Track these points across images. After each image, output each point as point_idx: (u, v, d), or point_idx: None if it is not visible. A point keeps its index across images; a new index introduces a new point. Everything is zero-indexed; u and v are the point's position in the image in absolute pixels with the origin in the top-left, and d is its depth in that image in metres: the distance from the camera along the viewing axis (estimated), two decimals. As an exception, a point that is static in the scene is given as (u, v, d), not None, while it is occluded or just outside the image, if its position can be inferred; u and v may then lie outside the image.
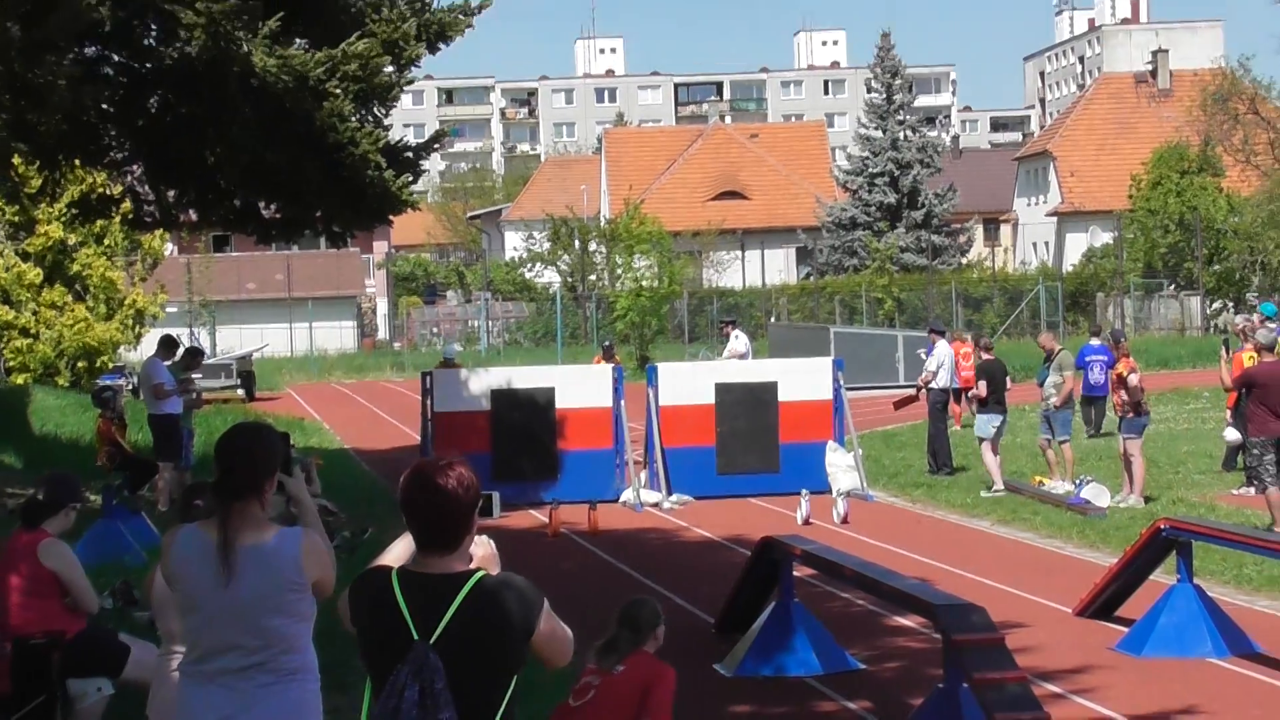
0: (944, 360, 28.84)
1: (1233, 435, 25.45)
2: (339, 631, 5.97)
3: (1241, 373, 22.15)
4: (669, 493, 26.21)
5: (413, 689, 5.66)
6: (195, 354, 26.91)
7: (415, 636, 5.72)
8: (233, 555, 6.57)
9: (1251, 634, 15.07)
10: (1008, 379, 26.50)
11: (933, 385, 28.35)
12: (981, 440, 25.84)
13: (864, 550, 18.86)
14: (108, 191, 28.46)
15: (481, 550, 5.96)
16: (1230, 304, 67.36)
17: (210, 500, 6.86)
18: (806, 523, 22.95)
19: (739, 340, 37.56)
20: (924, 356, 36.99)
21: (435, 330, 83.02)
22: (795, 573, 15.24)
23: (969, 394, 26.82)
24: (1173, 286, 72.45)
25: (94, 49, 22.53)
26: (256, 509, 6.66)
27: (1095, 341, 30.26)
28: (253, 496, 6.66)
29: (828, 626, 15.14)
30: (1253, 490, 22.32)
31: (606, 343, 38.39)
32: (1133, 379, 23.80)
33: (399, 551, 6.04)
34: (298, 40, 22.36)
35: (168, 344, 25.91)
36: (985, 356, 26.72)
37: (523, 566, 5.95)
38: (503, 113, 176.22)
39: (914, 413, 30.04)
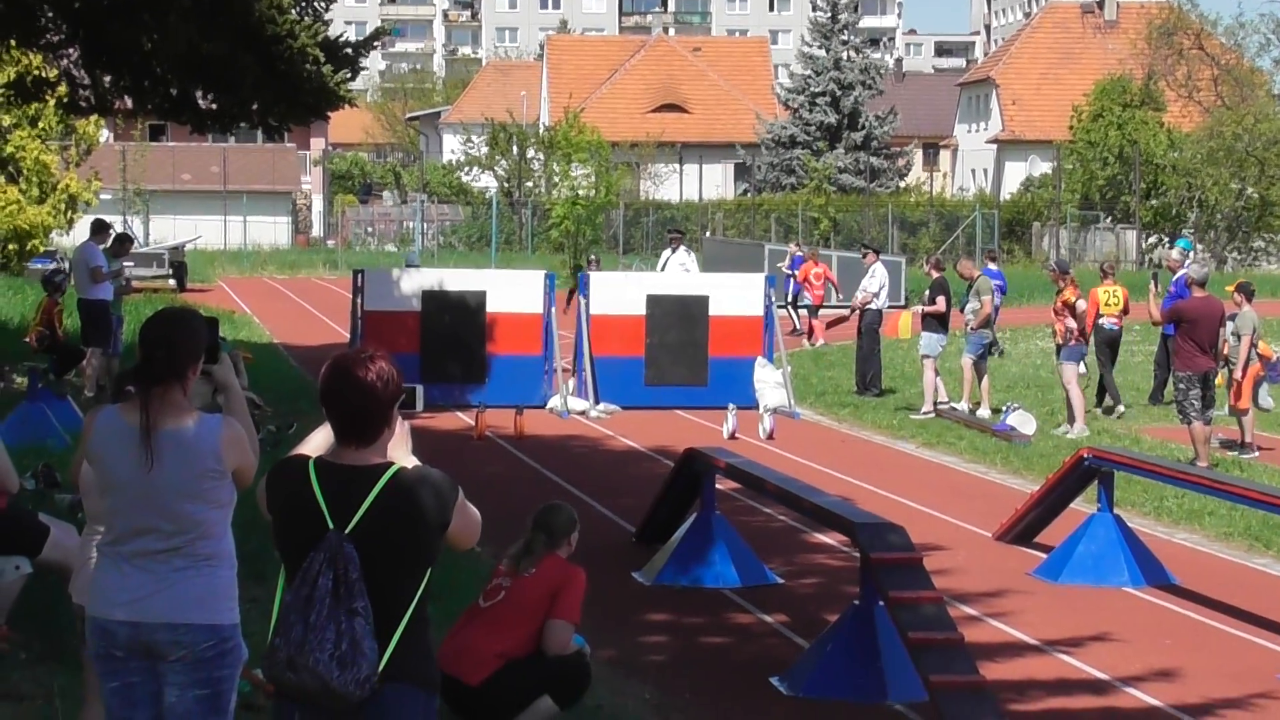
0: (885, 282, 28.86)
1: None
2: (260, 522, 5.97)
3: (1171, 307, 22.24)
4: (596, 401, 26.21)
5: (326, 577, 5.65)
6: (124, 240, 26.72)
7: (330, 526, 5.71)
8: (153, 440, 6.53)
9: (1169, 565, 15.21)
10: (942, 297, 26.49)
11: (870, 306, 28.33)
12: (926, 358, 25.86)
13: (788, 467, 18.91)
14: (43, 74, 28.19)
15: (394, 429, 5.94)
16: (1165, 239, 67.63)
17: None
18: (732, 437, 23.00)
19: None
20: (785, 271, 36.91)
21: (370, 229, 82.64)
22: (718, 486, 15.28)
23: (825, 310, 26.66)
24: (1109, 219, 72.70)
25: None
26: (178, 395, 6.61)
27: (993, 266, 30.49)
28: (174, 382, 6.60)
29: (747, 540, 15.20)
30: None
31: (593, 257, 37.50)
32: (1080, 305, 23.87)
33: (318, 442, 6.02)
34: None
35: (100, 228, 25.74)
36: (935, 274, 26.70)
37: (447, 468, 5.93)
38: (445, 14, 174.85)
39: (845, 332, 30.09)
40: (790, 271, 39.52)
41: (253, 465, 6.79)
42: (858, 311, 28.74)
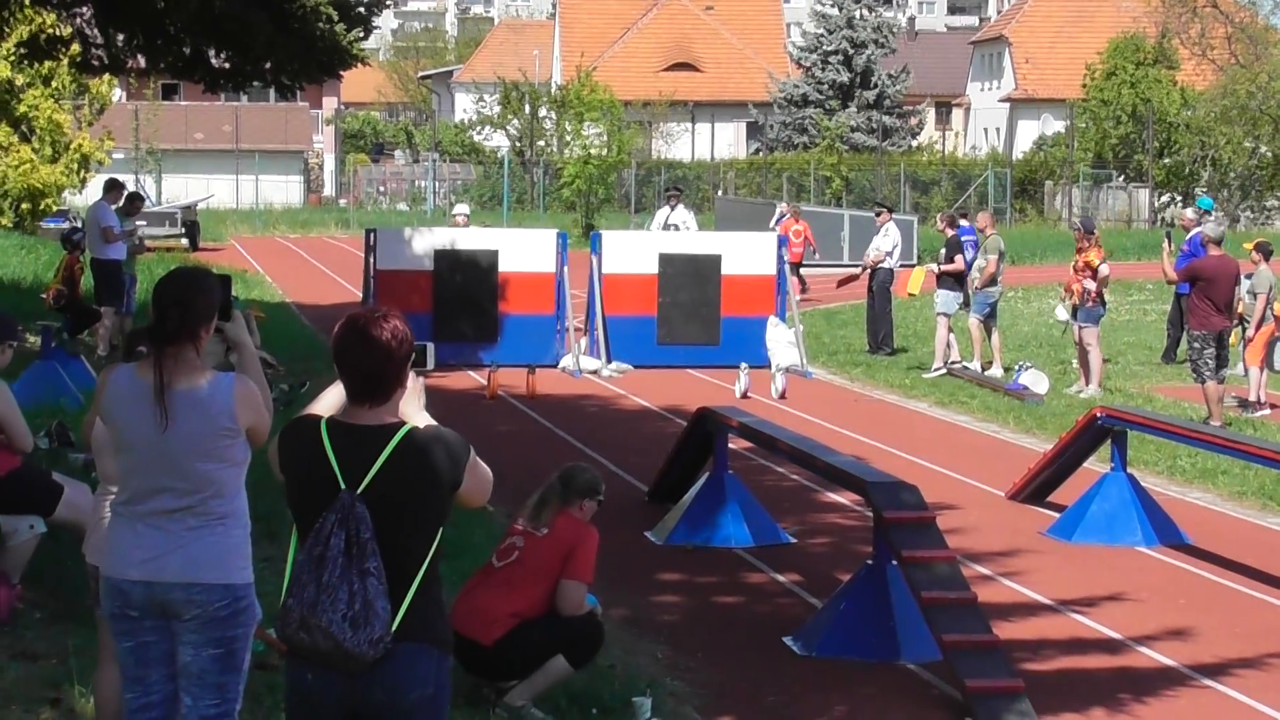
0: (898, 241, 28.79)
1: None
2: (273, 481, 5.97)
3: (1188, 266, 22.16)
4: (608, 361, 26.21)
5: (339, 537, 5.65)
6: (136, 200, 26.72)
7: (342, 486, 5.71)
8: (167, 399, 6.53)
9: (1182, 525, 15.20)
10: (961, 255, 26.35)
11: (882, 265, 28.25)
12: (941, 315, 25.81)
13: (800, 426, 18.90)
14: (57, 33, 28.14)
15: (409, 382, 5.93)
16: (1178, 198, 67.43)
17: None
18: (744, 396, 22.99)
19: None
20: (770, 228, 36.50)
21: (381, 189, 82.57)
22: (730, 445, 15.27)
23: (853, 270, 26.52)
24: (1122, 178, 72.48)
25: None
26: (191, 354, 6.61)
27: (964, 223, 30.56)
28: (187, 342, 6.60)
29: (760, 500, 15.20)
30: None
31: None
32: (1104, 269, 23.77)
33: (330, 401, 6.01)
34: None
35: (112, 187, 25.74)
36: (950, 231, 26.63)
37: (459, 427, 5.93)
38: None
39: (856, 291, 30.03)
40: (771, 229, 39.34)
41: (267, 424, 6.80)
42: (868, 270, 28.66)
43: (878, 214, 29.79)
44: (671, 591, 13.26)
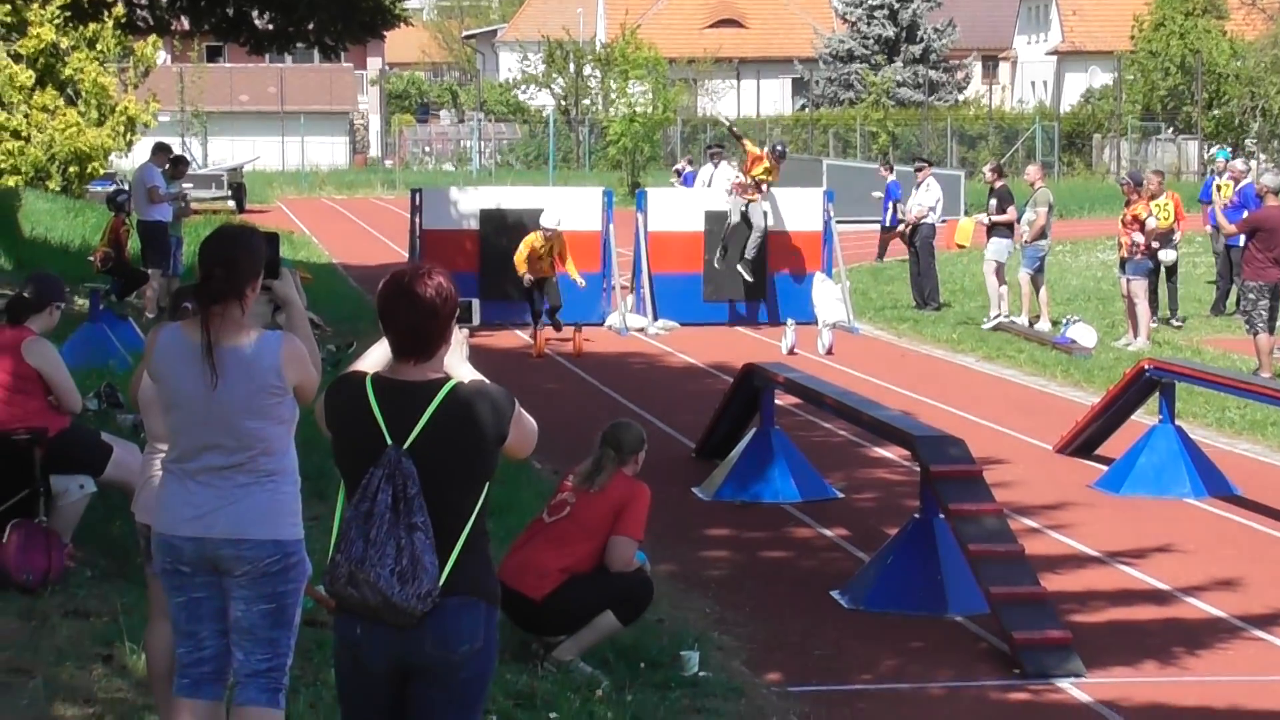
0: (940, 195, 28.69)
1: (1168, 256, 25.50)
2: (321, 440, 5.99)
3: (1249, 217, 21.92)
4: (654, 318, 26.22)
5: (386, 493, 5.68)
6: (181, 162, 26.79)
7: (389, 442, 5.73)
8: (215, 357, 6.56)
9: (1230, 476, 15.16)
10: (1012, 206, 26.21)
11: (925, 220, 28.17)
12: (994, 263, 25.69)
13: (847, 382, 18.88)
14: (101, -6, 28.19)
15: (454, 337, 5.95)
16: (1228, 149, 67.01)
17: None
18: (791, 353, 22.98)
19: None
20: (874, 196, 36.43)
21: (427, 149, 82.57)
22: (777, 401, 15.28)
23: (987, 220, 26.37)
24: (1170, 130, 72.03)
25: None
26: (237, 312, 6.63)
27: (891, 178, 30.91)
28: (233, 300, 6.62)
29: (807, 455, 15.20)
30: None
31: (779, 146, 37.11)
32: (1151, 222, 23.66)
33: (375, 358, 6.03)
34: None
35: (159, 150, 25.84)
36: (999, 182, 26.49)
37: (505, 385, 5.94)
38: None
39: (901, 247, 29.97)
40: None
41: (315, 381, 6.82)
42: (909, 227, 28.58)
43: (917, 169, 29.67)
44: (719, 547, 13.29)
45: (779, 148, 25.04)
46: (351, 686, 5.98)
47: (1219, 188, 27.53)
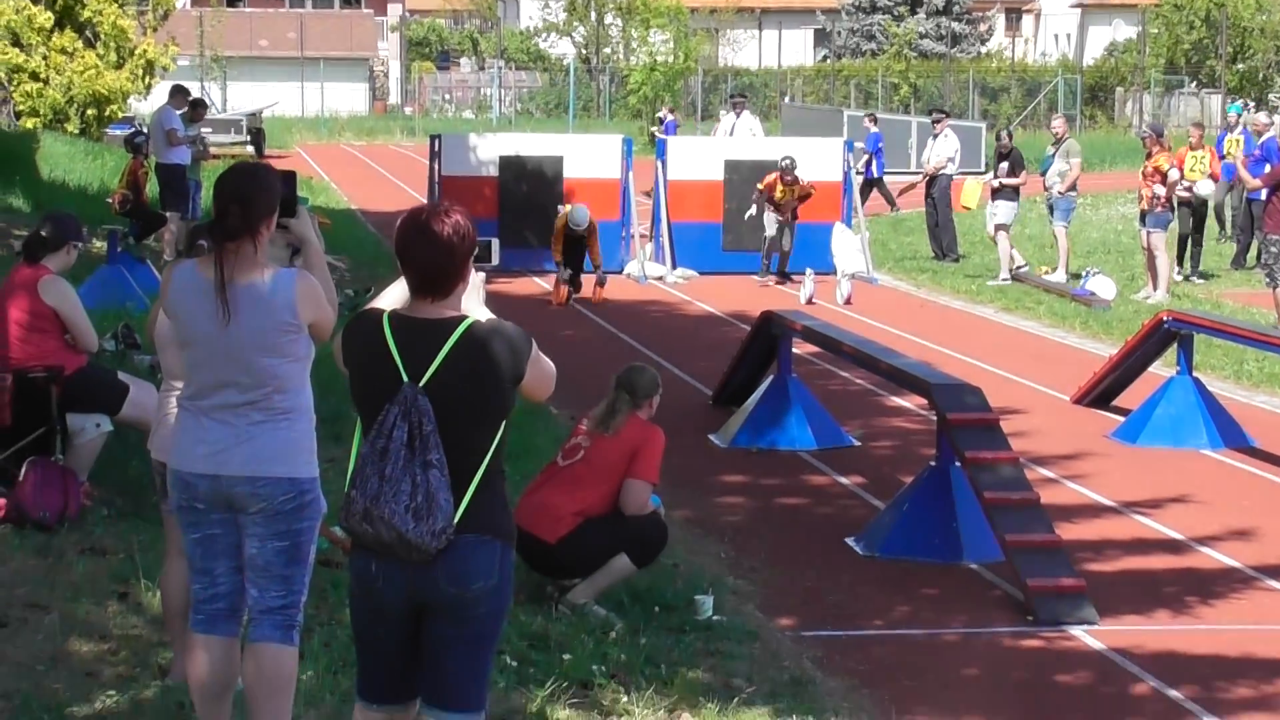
0: (958, 146, 28.63)
1: (1204, 189, 25.44)
2: (339, 382, 6.00)
3: (1271, 170, 21.82)
4: (673, 267, 26.21)
5: (401, 430, 5.68)
6: (199, 105, 26.76)
7: (405, 379, 5.73)
8: (229, 294, 6.55)
9: (1248, 428, 15.15)
10: (1023, 170, 26.18)
11: (944, 172, 28.11)
12: (1000, 227, 25.66)
13: (865, 331, 18.86)
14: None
15: (471, 277, 5.94)
16: (1251, 103, 66.79)
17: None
18: (810, 302, 22.96)
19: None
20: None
21: (447, 96, 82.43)
22: (794, 349, 15.28)
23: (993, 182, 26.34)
24: (1194, 84, 71.76)
25: None
26: (251, 249, 6.62)
27: (874, 129, 30.65)
28: (246, 237, 6.60)
29: (824, 403, 15.21)
30: None
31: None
32: (1173, 174, 23.60)
33: (393, 296, 6.02)
34: None
35: (177, 92, 25.83)
36: (1011, 147, 26.46)
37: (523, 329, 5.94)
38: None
39: (918, 199, 29.90)
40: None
41: (330, 319, 6.81)
42: (926, 178, 28.53)
43: (935, 120, 29.58)
44: (735, 493, 13.30)
45: (783, 163, 24.88)
46: (366, 623, 5.99)
47: (1230, 142, 27.49)
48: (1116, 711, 8.65)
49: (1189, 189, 25.21)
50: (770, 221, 25.36)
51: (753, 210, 25.58)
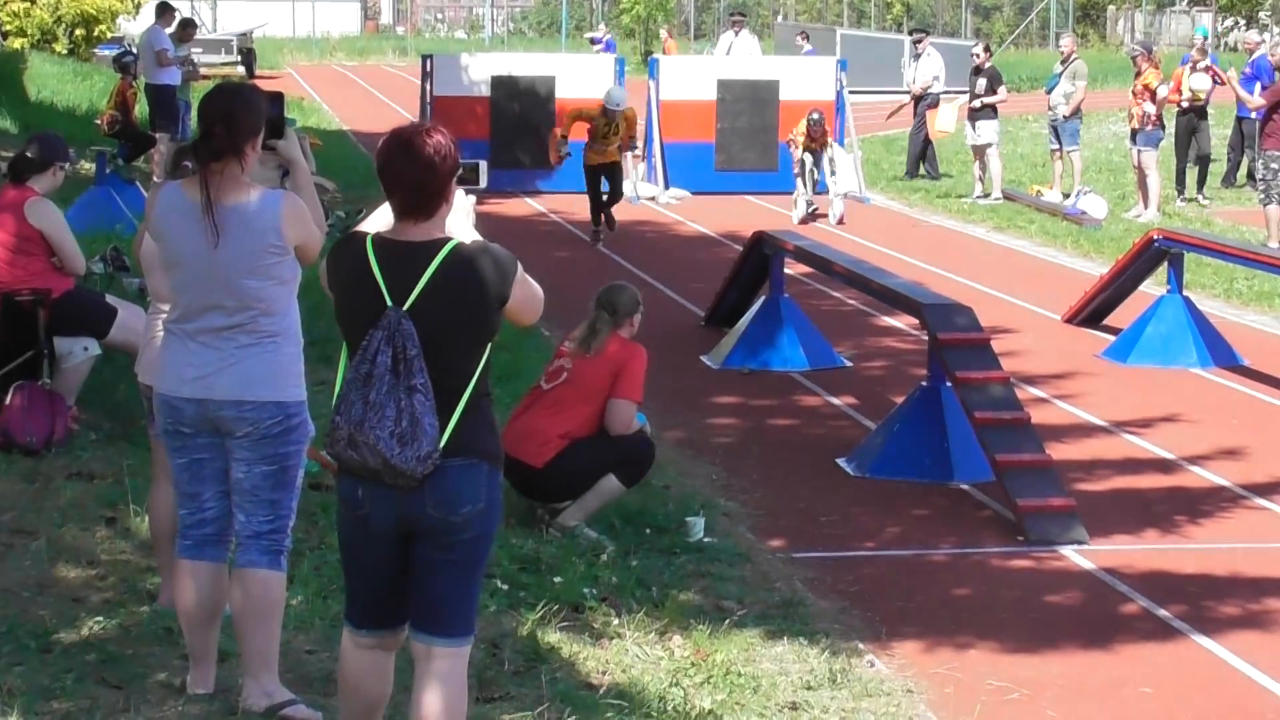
0: (942, 65, 28.51)
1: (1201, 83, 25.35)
2: (328, 305, 5.95)
3: (1274, 88, 21.61)
4: (666, 187, 26.14)
5: (385, 354, 5.63)
6: (189, 25, 26.65)
7: (389, 303, 5.69)
8: (214, 215, 6.51)
9: (1237, 347, 15.16)
10: (1002, 85, 26.10)
11: (930, 90, 28.02)
12: (988, 146, 25.59)
13: (857, 251, 18.79)
14: None
15: (457, 201, 5.89)
16: (1242, 22, 66.53)
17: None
18: (803, 222, 22.90)
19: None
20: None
21: (439, 16, 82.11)
22: (786, 270, 15.26)
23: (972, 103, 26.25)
24: (1186, 2, 71.49)
25: None
26: (237, 170, 6.56)
27: (808, 45, 31.27)
28: (232, 157, 6.54)
29: (816, 324, 15.19)
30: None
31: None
32: (1162, 90, 23.52)
33: (380, 220, 5.96)
34: None
35: (165, 11, 25.68)
36: (989, 62, 26.36)
37: (516, 252, 5.89)
38: None
39: (904, 120, 29.81)
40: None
41: (318, 240, 6.77)
42: (914, 99, 28.42)
43: (916, 40, 29.46)
44: (726, 414, 13.30)
45: (812, 117, 24.16)
46: (355, 548, 5.97)
47: (1193, 64, 27.44)
48: (1106, 631, 8.66)
49: (1192, 103, 25.03)
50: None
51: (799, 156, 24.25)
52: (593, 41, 40.90)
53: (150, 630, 7.70)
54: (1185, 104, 25.15)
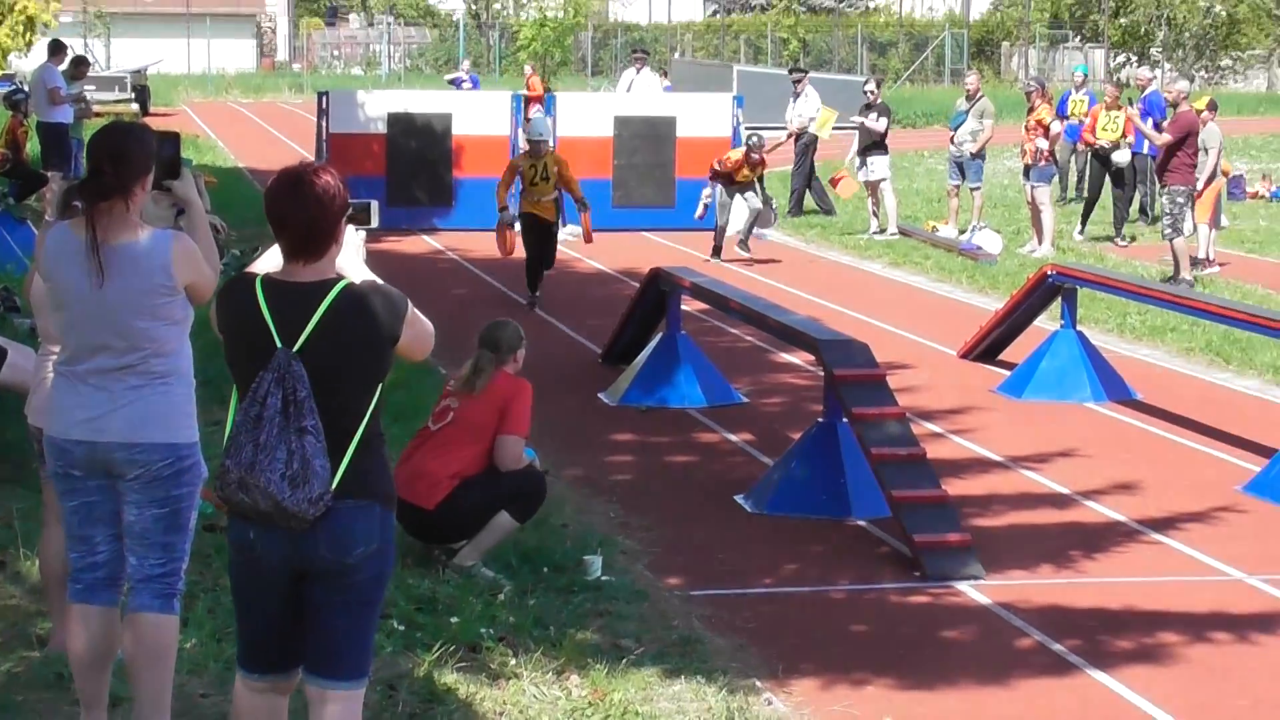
0: (819, 105, 28.69)
1: (1123, 157, 25.50)
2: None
3: (1175, 120, 21.64)
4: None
5: (275, 397, 5.59)
6: (81, 63, 26.48)
7: (279, 344, 5.64)
8: (101, 255, 6.44)
9: (1130, 381, 15.29)
10: (889, 120, 26.39)
11: (809, 130, 28.29)
12: (881, 181, 25.77)
13: (754, 288, 18.86)
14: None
15: (348, 238, 5.86)
16: (1134, 58, 67.28)
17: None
18: (701, 218, 23.13)
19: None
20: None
21: (335, 53, 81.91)
22: (684, 306, 15.27)
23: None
24: (1078, 39, 72.26)
25: None
26: (124, 209, 6.51)
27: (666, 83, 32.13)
28: (119, 197, 6.48)
29: (713, 360, 15.21)
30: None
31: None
32: (1055, 126, 23.73)
33: (269, 261, 5.93)
34: None
35: (57, 49, 25.49)
36: (879, 98, 26.61)
37: (414, 291, 5.86)
38: None
39: (784, 157, 29.98)
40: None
41: (210, 281, 6.70)
42: (792, 137, 28.62)
43: (795, 80, 29.64)
44: (624, 452, 13.28)
45: (751, 142, 24.12)
46: (246, 591, 5.92)
47: (1075, 103, 27.75)
48: (1003, 666, 8.69)
49: (1105, 150, 25.25)
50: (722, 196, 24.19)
51: (708, 194, 23.98)
52: (453, 84, 40.54)
53: (41, 676, 7.61)
54: (1107, 145, 25.29)
